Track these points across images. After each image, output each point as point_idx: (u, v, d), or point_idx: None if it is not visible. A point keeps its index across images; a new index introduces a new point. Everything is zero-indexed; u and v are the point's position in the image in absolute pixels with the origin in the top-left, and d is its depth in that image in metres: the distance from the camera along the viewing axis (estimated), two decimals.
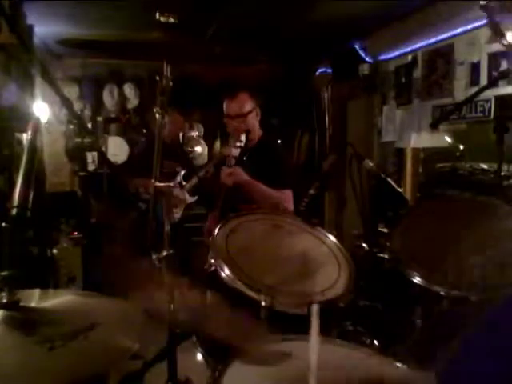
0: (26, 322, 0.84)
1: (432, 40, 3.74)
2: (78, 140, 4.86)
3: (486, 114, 3.18)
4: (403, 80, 4.12)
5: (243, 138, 2.34)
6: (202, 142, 5.39)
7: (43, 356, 0.76)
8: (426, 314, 1.43)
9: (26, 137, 0.97)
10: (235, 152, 2.32)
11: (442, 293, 1.32)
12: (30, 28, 3.21)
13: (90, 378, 0.75)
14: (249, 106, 2.39)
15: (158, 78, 1.44)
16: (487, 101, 3.16)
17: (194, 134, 5.45)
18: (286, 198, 2.34)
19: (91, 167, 5.07)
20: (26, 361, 0.76)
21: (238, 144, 2.33)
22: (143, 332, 0.89)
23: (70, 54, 5.03)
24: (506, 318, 0.41)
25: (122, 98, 5.48)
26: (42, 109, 3.29)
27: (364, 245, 1.92)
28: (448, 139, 3.21)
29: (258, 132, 2.48)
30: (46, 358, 0.76)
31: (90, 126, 5.24)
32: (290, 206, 2.34)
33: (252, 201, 2.26)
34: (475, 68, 3.33)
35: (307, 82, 5.19)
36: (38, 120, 1.01)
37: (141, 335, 0.87)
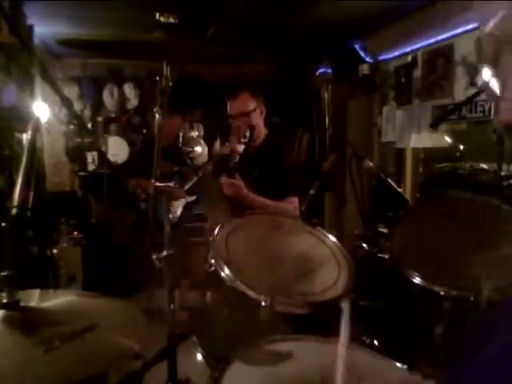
0: (26, 322, 0.84)
1: (432, 40, 3.74)
2: (78, 140, 4.86)
3: (486, 114, 3.18)
4: (403, 80, 4.12)
5: (247, 133, 2.32)
6: (202, 142, 5.38)
7: (43, 356, 0.76)
8: (426, 313, 1.43)
9: (25, 137, 0.97)
10: (240, 148, 2.30)
11: (441, 293, 1.32)
12: (30, 28, 3.21)
13: (90, 378, 0.75)
14: (251, 104, 2.38)
15: (157, 78, 1.44)
16: (487, 101, 3.16)
17: (194, 134, 5.44)
18: (295, 206, 2.28)
19: (91, 167, 5.07)
20: (25, 361, 0.76)
21: (243, 140, 2.32)
22: (143, 332, 0.89)
23: (69, 54, 5.03)
24: (505, 320, 0.41)
25: (122, 98, 5.48)
26: (42, 109, 3.29)
27: (364, 245, 1.91)
28: (448, 139, 3.21)
29: (262, 131, 2.47)
30: (45, 359, 0.76)
31: (90, 126, 5.24)
32: (296, 214, 2.28)
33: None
34: (475, 68, 3.33)
35: (307, 82, 5.19)
36: (37, 120, 1.01)
37: (141, 335, 0.87)
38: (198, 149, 5.27)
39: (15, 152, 2.68)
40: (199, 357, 1.41)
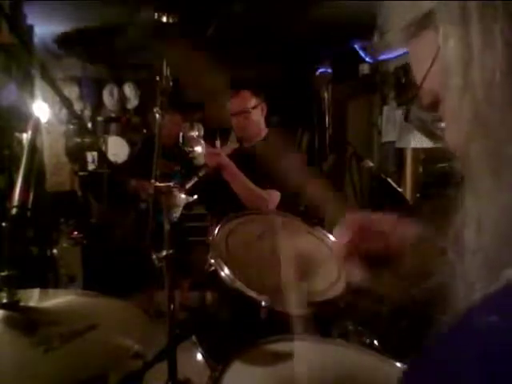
0: (26, 322, 0.84)
1: None
2: (78, 140, 4.86)
3: None
4: (403, 80, 4.12)
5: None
6: (202, 141, 5.38)
7: (43, 356, 0.76)
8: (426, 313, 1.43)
9: (26, 137, 0.97)
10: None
11: None
12: (30, 28, 3.21)
13: (90, 379, 0.75)
14: (252, 102, 2.39)
15: (157, 78, 1.44)
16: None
17: (194, 133, 5.44)
18: (273, 199, 2.26)
19: (91, 167, 5.07)
20: (25, 361, 0.76)
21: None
22: (143, 332, 0.89)
23: (70, 53, 5.03)
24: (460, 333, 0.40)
25: (122, 98, 5.48)
26: (42, 109, 3.29)
27: None
28: None
29: (263, 129, 2.48)
30: (45, 359, 0.76)
31: (90, 125, 5.25)
32: (271, 205, 2.25)
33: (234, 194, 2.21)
34: None
35: (307, 82, 5.20)
36: (37, 120, 1.01)
37: (141, 335, 0.87)
38: (198, 149, 5.26)
39: (15, 152, 2.68)
40: (199, 357, 1.41)
